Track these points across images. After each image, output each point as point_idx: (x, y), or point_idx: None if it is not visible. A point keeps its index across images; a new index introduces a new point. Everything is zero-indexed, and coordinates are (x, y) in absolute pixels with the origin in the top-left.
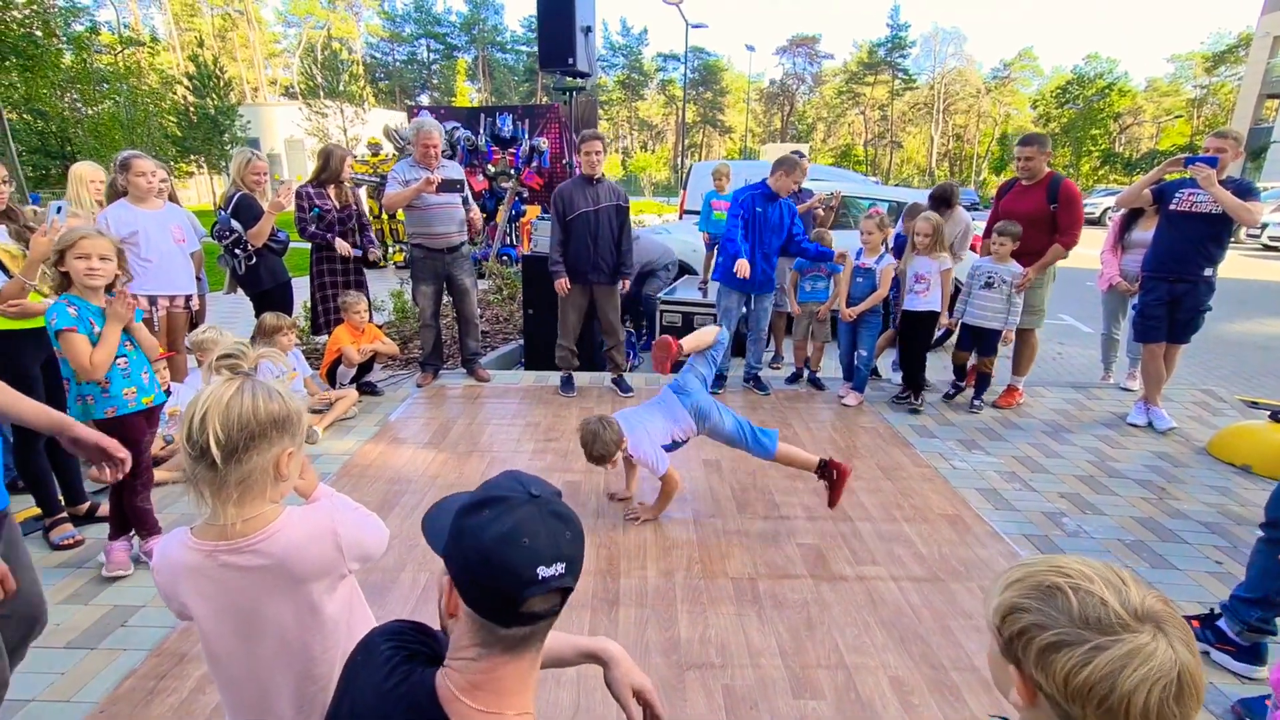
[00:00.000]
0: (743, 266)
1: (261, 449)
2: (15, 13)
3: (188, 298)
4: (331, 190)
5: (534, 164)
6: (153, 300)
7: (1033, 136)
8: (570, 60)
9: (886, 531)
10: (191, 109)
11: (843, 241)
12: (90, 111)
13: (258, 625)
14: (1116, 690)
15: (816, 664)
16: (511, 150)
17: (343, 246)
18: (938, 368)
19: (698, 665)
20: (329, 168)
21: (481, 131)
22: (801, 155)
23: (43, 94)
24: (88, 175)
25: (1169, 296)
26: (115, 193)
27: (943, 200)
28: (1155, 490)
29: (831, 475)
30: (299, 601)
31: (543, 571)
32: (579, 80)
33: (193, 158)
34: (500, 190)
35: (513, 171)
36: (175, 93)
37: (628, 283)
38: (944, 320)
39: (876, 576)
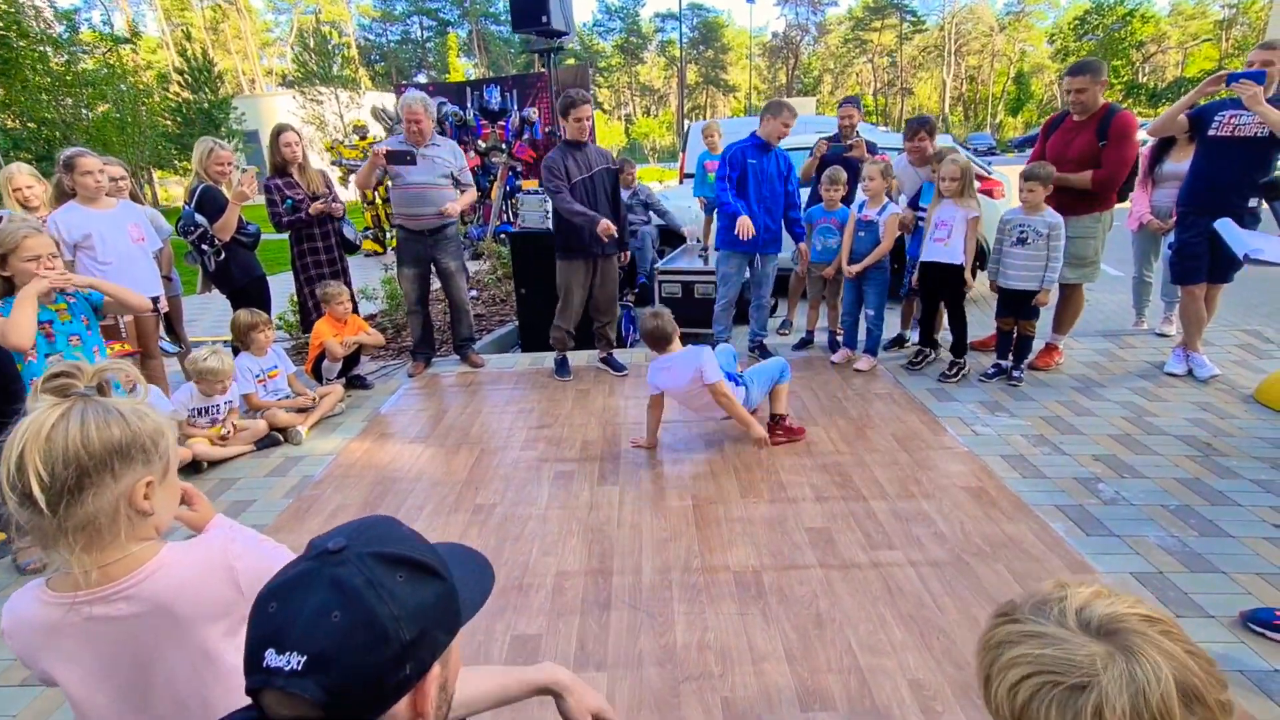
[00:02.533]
0: (745, 225)
1: (102, 486)
2: None
3: (155, 299)
4: (298, 176)
5: (525, 136)
6: None
7: (1084, 64)
8: (544, 19)
9: (903, 510)
10: (186, 105)
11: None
12: (89, 115)
13: (144, 685)
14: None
15: (826, 668)
16: (501, 123)
17: (317, 206)
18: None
19: (695, 676)
20: (275, 151)
21: (469, 106)
22: (852, 101)
23: (21, 99)
24: (14, 181)
25: (1210, 232)
26: (63, 193)
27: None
28: (1200, 446)
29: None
30: (191, 651)
31: (270, 657)
32: (557, 40)
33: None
34: (493, 166)
35: (504, 146)
36: (169, 90)
37: (628, 255)
38: (968, 280)
39: (893, 562)
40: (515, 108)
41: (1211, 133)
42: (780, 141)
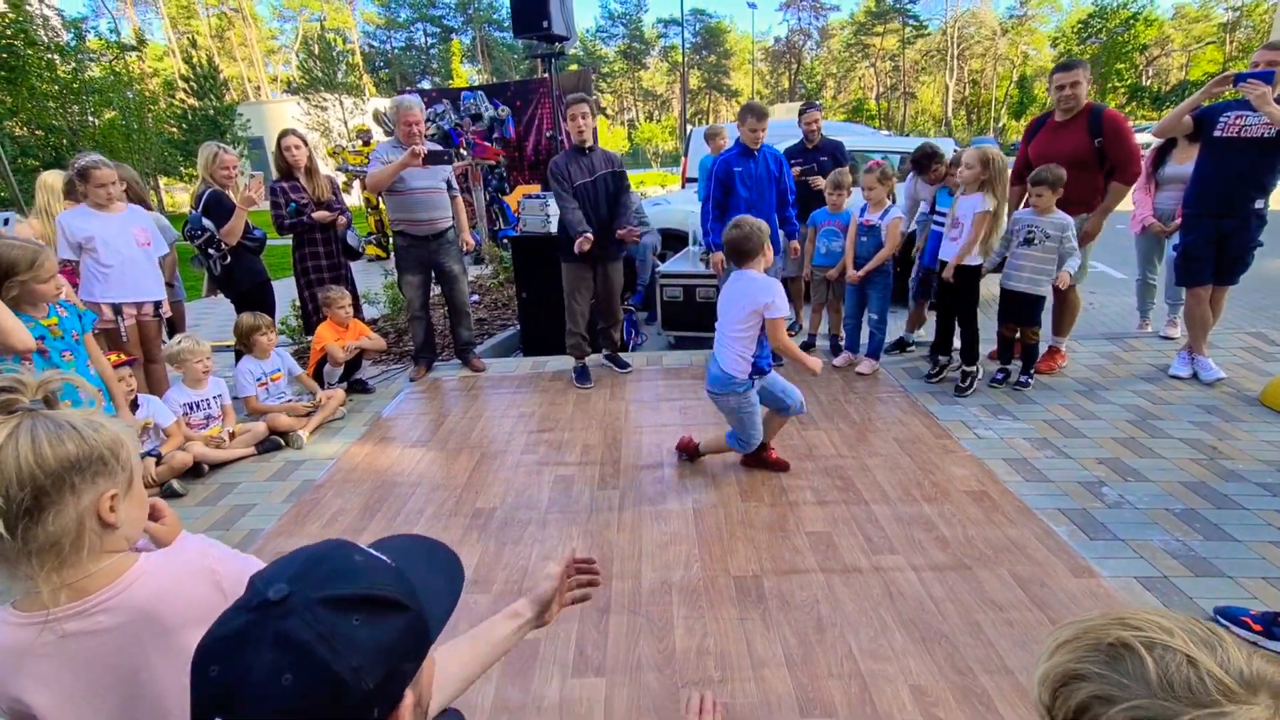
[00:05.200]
0: (717, 262)
1: (62, 504)
2: None
3: (157, 304)
4: (305, 181)
5: (495, 135)
6: (117, 309)
7: (1074, 60)
8: (545, 24)
9: (905, 514)
10: (192, 112)
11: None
12: (95, 122)
13: (129, 701)
14: None
15: (827, 673)
16: (476, 128)
17: (321, 214)
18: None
19: (694, 682)
20: (280, 155)
21: (462, 112)
22: (814, 106)
23: (29, 106)
24: (59, 186)
25: (1215, 234)
26: (71, 191)
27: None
28: (1205, 450)
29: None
30: (178, 660)
31: None
32: (558, 46)
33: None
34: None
35: (464, 149)
36: (175, 97)
37: (637, 231)
38: (950, 261)
39: (894, 567)
40: (489, 108)
41: (1217, 134)
42: (758, 144)
